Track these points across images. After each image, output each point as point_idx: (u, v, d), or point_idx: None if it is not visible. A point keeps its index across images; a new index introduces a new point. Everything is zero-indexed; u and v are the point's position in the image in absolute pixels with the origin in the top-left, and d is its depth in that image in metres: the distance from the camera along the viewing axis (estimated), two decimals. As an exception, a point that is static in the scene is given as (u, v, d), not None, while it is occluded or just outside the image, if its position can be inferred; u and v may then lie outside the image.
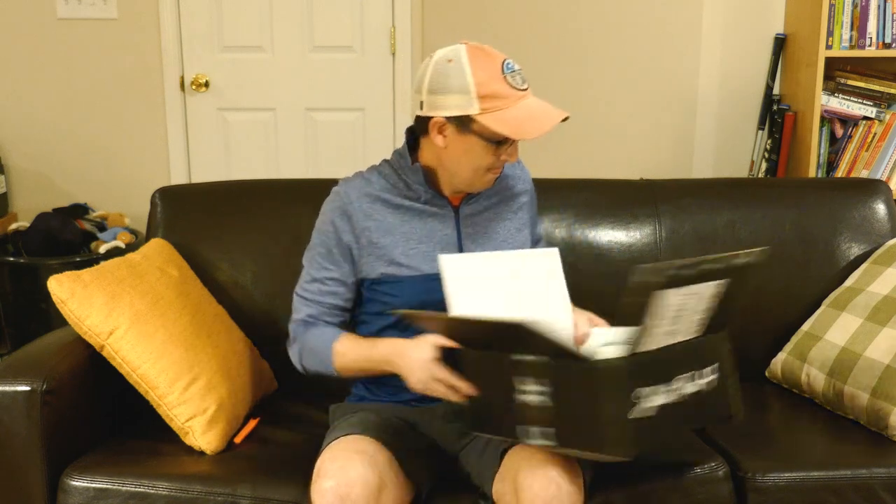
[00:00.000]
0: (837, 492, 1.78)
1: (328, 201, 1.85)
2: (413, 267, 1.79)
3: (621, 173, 3.50)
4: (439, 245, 1.81)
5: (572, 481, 1.57)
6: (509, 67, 1.70)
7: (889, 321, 1.98)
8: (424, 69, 1.73)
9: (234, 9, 3.59)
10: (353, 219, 1.80)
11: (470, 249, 1.83)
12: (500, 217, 1.88)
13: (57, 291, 1.88)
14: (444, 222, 1.83)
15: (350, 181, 1.86)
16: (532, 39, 3.57)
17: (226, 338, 2.05)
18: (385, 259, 1.80)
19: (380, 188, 1.83)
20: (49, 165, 3.68)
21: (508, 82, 1.69)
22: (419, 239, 1.81)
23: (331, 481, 1.54)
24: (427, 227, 1.82)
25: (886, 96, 3.23)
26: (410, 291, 1.79)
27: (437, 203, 1.83)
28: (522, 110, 1.69)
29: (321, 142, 3.71)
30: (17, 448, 1.78)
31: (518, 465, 1.59)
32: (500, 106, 1.68)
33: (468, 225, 1.84)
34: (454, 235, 1.83)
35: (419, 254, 1.80)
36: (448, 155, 1.75)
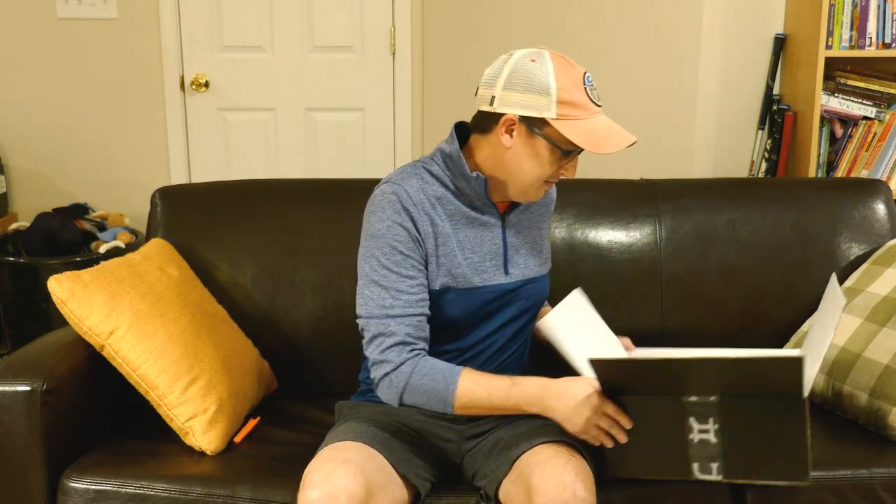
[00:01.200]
0: (837, 492, 1.78)
1: (385, 202, 1.69)
2: (466, 278, 1.74)
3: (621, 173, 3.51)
4: (487, 256, 1.76)
5: (587, 488, 1.57)
6: (589, 80, 1.65)
7: (888, 321, 1.98)
8: (502, 65, 1.67)
9: (234, 9, 3.59)
10: (416, 220, 1.69)
11: (513, 260, 1.79)
12: (535, 226, 1.86)
13: (57, 291, 1.88)
14: (492, 231, 1.77)
15: (404, 179, 1.72)
16: (532, 39, 3.57)
17: (226, 338, 2.05)
18: (444, 269, 1.72)
19: (436, 189, 1.73)
20: (49, 165, 3.68)
21: (588, 95, 1.64)
22: (472, 248, 1.75)
23: (315, 492, 1.52)
24: (477, 235, 1.76)
25: (886, 96, 3.23)
26: (463, 303, 1.75)
27: (488, 210, 1.76)
28: (598, 125, 1.64)
29: (321, 142, 3.71)
30: (17, 448, 1.78)
31: (532, 471, 1.58)
32: (578, 116, 1.63)
33: (512, 235, 1.80)
34: (501, 245, 1.78)
35: (471, 265, 1.74)
36: (510, 157, 1.67)
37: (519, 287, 1.80)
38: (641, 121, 3.63)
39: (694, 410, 1.59)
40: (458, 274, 1.73)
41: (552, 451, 1.62)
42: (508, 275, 1.78)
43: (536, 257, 1.84)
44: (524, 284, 1.80)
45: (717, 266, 2.25)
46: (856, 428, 1.96)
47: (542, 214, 1.89)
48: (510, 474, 1.65)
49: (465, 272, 1.74)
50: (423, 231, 1.70)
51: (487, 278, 1.76)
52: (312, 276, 2.20)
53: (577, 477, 1.56)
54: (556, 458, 1.59)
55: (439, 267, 1.72)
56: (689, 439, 1.61)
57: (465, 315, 1.76)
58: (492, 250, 1.77)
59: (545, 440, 1.66)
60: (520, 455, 1.66)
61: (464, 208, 1.75)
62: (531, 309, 1.85)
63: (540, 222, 1.88)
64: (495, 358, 1.82)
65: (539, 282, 1.84)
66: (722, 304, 2.24)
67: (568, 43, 3.57)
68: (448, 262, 1.72)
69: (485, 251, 1.76)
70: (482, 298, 1.76)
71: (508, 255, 1.79)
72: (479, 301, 1.76)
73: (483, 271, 1.75)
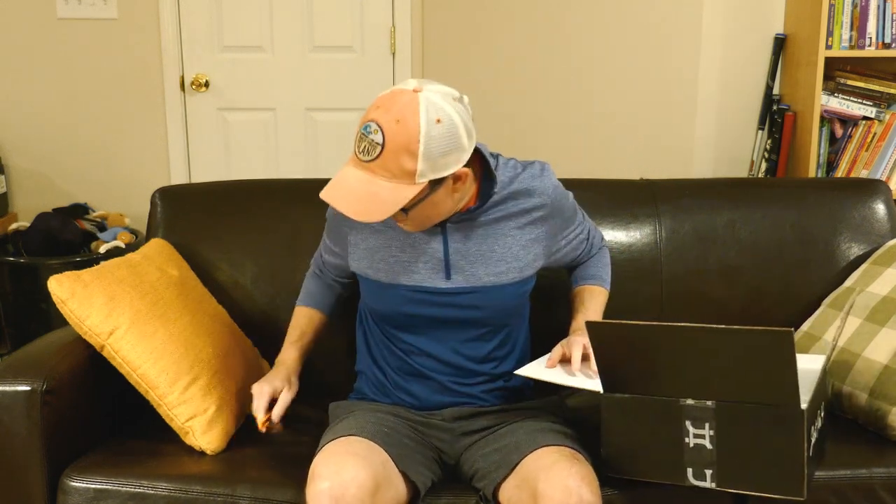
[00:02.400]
0: (837, 492, 1.78)
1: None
2: (391, 275, 1.78)
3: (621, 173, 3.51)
4: (422, 258, 1.77)
5: (593, 492, 1.57)
6: (367, 128, 1.59)
7: (888, 321, 1.98)
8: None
9: (234, 9, 3.59)
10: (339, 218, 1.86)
11: (459, 266, 1.77)
12: (499, 233, 1.79)
13: (57, 291, 1.88)
14: (431, 235, 1.77)
15: None
16: (532, 40, 3.57)
17: (226, 338, 2.05)
18: (367, 259, 1.82)
19: None
20: (49, 165, 3.68)
21: (357, 140, 1.63)
22: (402, 248, 1.78)
23: (325, 483, 1.53)
24: (412, 237, 1.78)
25: (886, 96, 3.23)
26: (388, 300, 1.79)
27: None
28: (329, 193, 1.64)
29: (321, 142, 3.71)
30: (17, 448, 1.78)
31: (536, 475, 1.58)
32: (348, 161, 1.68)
33: (458, 241, 1.77)
34: (441, 250, 1.77)
35: (399, 263, 1.78)
36: None
37: (464, 293, 1.77)
38: (641, 121, 3.63)
39: (690, 414, 1.60)
40: (381, 268, 1.80)
41: (556, 455, 1.62)
42: (450, 279, 1.77)
43: (493, 265, 1.78)
44: (471, 291, 1.77)
45: (717, 266, 2.25)
46: (856, 428, 1.96)
47: (517, 222, 1.81)
48: (512, 478, 1.65)
49: (389, 268, 1.80)
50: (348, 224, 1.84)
51: (419, 279, 1.77)
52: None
53: (582, 481, 1.56)
54: (561, 462, 1.59)
55: (364, 257, 1.83)
56: (684, 443, 1.61)
57: (397, 313, 1.80)
58: (428, 253, 1.78)
59: (547, 443, 1.66)
60: (521, 459, 1.65)
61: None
62: (491, 318, 1.81)
63: (508, 230, 1.80)
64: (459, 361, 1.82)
65: (493, 291, 1.78)
66: (722, 304, 2.24)
67: (568, 43, 3.57)
68: (371, 256, 1.82)
69: (419, 253, 1.78)
70: (411, 298, 1.77)
71: (451, 260, 1.78)
72: (409, 300, 1.77)
73: (414, 272, 1.77)
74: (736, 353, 1.53)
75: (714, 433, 1.59)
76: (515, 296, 1.83)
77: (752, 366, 1.53)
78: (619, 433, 1.66)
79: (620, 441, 1.66)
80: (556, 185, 1.85)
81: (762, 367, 1.52)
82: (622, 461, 1.67)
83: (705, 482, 1.62)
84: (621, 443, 1.66)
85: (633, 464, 1.67)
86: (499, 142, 3.57)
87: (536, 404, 1.88)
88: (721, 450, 1.59)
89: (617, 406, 1.65)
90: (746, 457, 1.58)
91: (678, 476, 1.63)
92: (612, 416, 1.66)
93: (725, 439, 1.59)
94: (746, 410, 1.57)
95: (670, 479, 1.64)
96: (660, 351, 1.58)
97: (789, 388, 1.53)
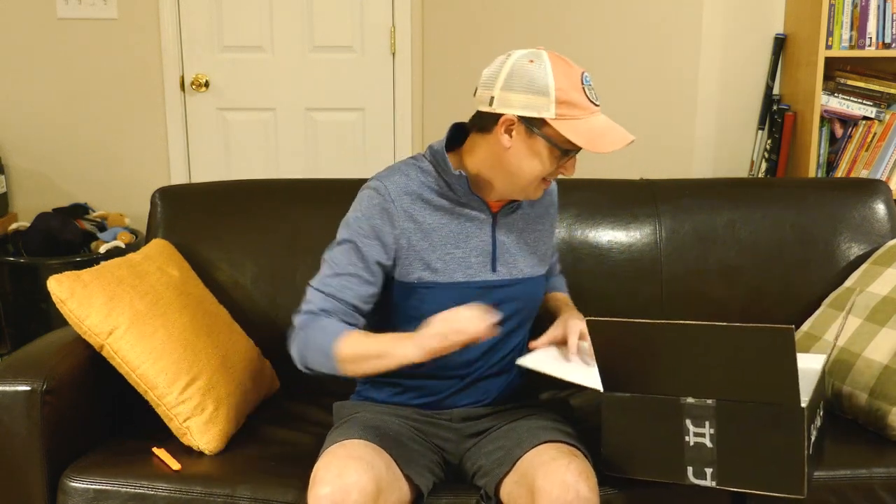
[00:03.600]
0: (837, 492, 1.78)
1: (365, 197, 1.75)
2: (447, 273, 1.76)
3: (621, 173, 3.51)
4: (474, 252, 1.77)
5: (590, 488, 1.57)
6: (587, 80, 1.67)
7: (888, 321, 1.98)
8: (500, 65, 1.68)
9: (234, 9, 3.59)
10: (394, 217, 1.73)
11: (503, 259, 1.80)
12: (531, 228, 1.85)
13: (57, 291, 1.88)
14: (481, 228, 1.78)
15: (388, 177, 1.76)
16: (532, 40, 3.57)
17: (226, 338, 2.05)
18: (422, 263, 1.75)
19: (420, 185, 1.76)
20: (49, 165, 3.68)
21: (587, 94, 1.66)
22: (456, 243, 1.76)
23: (327, 488, 1.53)
24: (464, 230, 1.77)
25: (886, 96, 3.23)
26: (442, 299, 1.75)
27: (478, 207, 1.78)
28: (596, 124, 1.66)
29: (321, 142, 3.71)
30: (17, 448, 1.78)
31: (535, 471, 1.59)
32: (576, 115, 1.64)
33: (504, 234, 1.80)
34: (489, 243, 1.79)
35: (454, 259, 1.76)
36: (509, 156, 1.68)
37: (507, 285, 1.80)
38: (641, 121, 3.63)
39: (690, 412, 1.60)
40: (438, 268, 1.75)
41: (555, 452, 1.62)
42: (496, 272, 1.79)
43: (529, 258, 1.83)
44: (513, 283, 1.80)
45: (717, 266, 2.25)
46: (856, 428, 1.96)
47: (542, 216, 1.89)
48: (512, 474, 1.66)
49: (445, 266, 1.76)
50: (399, 227, 1.73)
51: (472, 274, 1.77)
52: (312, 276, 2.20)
53: (580, 477, 1.56)
54: (560, 458, 1.59)
55: (418, 260, 1.74)
56: (684, 441, 1.61)
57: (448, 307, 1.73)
58: (479, 247, 1.78)
59: (547, 440, 1.67)
60: (521, 455, 1.66)
61: (449, 204, 1.77)
62: (523, 310, 1.84)
63: (539, 224, 1.87)
64: (490, 357, 1.82)
65: (530, 283, 1.83)
66: (722, 304, 2.24)
67: (568, 43, 3.57)
68: (428, 256, 1.74)
69: (471, 247, 1.77)
70: (465, 294, 1.76)
71: (497, 252, 1.79)
72: (462, 296, 1.76)
73: (468, 267, 1.77)
74: (737, 350, 1.53)
75: (714, 431, 1.59)
76: (542, 287, 1.89)
77: (752, 364, 1.53)
78: (620, 432, 1.66)
79: (620, 440, 1.66)
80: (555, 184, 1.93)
81: (763, 364, 1.52)
82: (622, 460, 1.67)
83: (705, 481, 1.62)
84: (621, 441, 1.66)
85: (633, 462, 1.67)
86: (499, 142, 3.56)
87: (540, 402, 1.89)
88: (721, 448, 1.60)
89: (617, 404, 1.65)
90: (747, 455, 1.58)
91: (678, 475, 1.63)
92: (612, 414, 1.66)
93: (726, 438, 1.59)
94: (747, 409, 1.57)
95: (670, 478, 1.65)
96: (660, 348, 1.58)
97: (790, 387, 1.53)
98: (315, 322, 1.69)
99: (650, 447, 1.65)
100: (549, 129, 1.64)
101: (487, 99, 1.68)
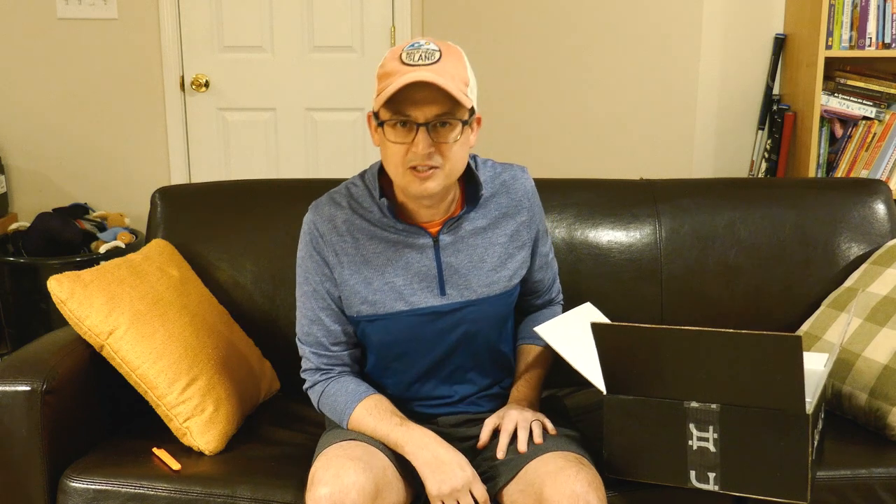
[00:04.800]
0: (837, 492, 1.78)
1: (303, 232, 1.76)
2: (387, 304, 1.71)
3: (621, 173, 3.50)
4: (416, 278, 1.71)
5: (599, 498, 1.55)
6: (414, 45, 1.57)
7: (888, 321, 1.98)
8: None
9: (234, 9, 3.59)
10: (324, 254, 1.72)
11: (453, 281, 1.72)
12: (488, 243, 1.75)
13: (57, 291, 1.88)
14: (422, 252, 1.71)
15: (319, 208, 1.75)
16: (532, 40, 3.57)
17: (226, 338, 2.05)
18: (358, 297, 1.71)
19: (351, 215, 1.72)
20: (49, 165, 3.68)
21: (402, 59, 1.56)
22: (395, 271, 1.71)
23: (325, 488, 1.51)
24: (403, 256, 1.71)
25: (886, 96, 3.23)
26: (388, 329, 1.73)
27: (413, 232, 1.71)
28: (402, 81, 1.53)
29: (321, 142, 3.71)
30: (17, 448, 1.78)
31: (542, 480, 1.57)
32: (386, 84, 1.56)
33: (450, 254, 1.72)
34: (433, 266, 1.72)
35: (394, 289, 1.71)
36: (382, 157, 1.65)
37: (459, 308, 1.73)
38: (641, 121, 3.63)
39: (694, 417, 1.60)
40: (377, 300, 1.71)
41: (562, 461, 1.60)
42: (445, 296, 1.73)
43: (486, 275, 1.74)
44: (465, 306, 1.74)
45: (717, 266, 2.25)
46: (855, 428, 1.96)
47: (503, 229, 1.77)
48: (516, 482, 1.63)
49: (384, 298, 1.71)
50: (330, 262, 1.73)
51: (416, 301, 1.72)
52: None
53: (589, 487, 1.54)
54: (568, 468, 1.57)
55: (354, 294, 1.72)
56: (687, 445, 1.61)
57: (397, 341, 1.74)
58: (422, 272, 1.72)
59: (553, 449, 1.65)
60: (526, 463, 1.64)
61: (383, 232, 1.71)
62: (486, 329, 1.78)
63: (496, 237, 1.76)
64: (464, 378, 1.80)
65: (488, 302, 1.75)
66: (722, 304, 2.24)
67: (568, 43, 3.57)
68: (363, 289, 1.71)
69: (412, 272, 1.71)
70: (410, 323, 1.72)
71: (445, 275, 1.72)
72: (408, 325, 1.72)
73: (411, 294, 1.71)
74: (743, 357, 1.52)
75: (718, 436, 1.59)
76: (506, 305, 1.81)
77: (758, 370, 1.53)
78: (622, 434, 1.65)
79: (623, 442, 1.66)
80: (534, 189, 1.82)
81: (769, 371, 1.52)
82: (624, 463, 1.67)
83: (708, 485, 1.61)
84: (623, 444, 1.66)
85: (635, 465, 1.66)
86: (498, 142, 3.56)
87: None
88: (725, 453, 1.59)
89: (620, 407, 1.65)
90: (750, 460, 1.58)
91: (680, 478, 1.63)
92: (614, 417, 1.65)
93: (729, 442, 1.58)
94: (751, 414, 1.56)
95: (672, 482, 1.64)
96: (665, 354, 1.58)
97: (795, 394, 1.53)
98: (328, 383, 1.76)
99: (653, 450, 1.64)
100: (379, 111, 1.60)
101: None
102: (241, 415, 1.98)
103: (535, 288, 1.90)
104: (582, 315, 1.89)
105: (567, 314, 1.88)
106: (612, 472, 1.68)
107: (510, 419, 1.70)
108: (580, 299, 2.04)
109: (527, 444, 1.66)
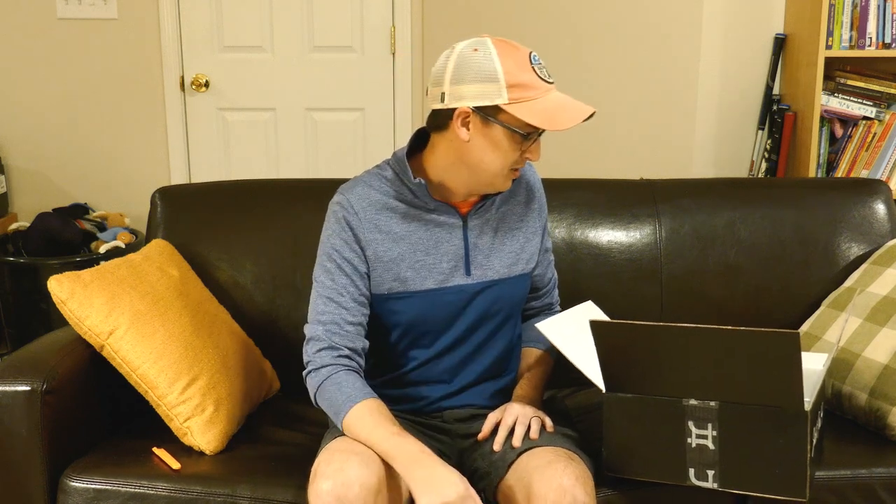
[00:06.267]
0: (837, 492, 1.78)
1: (331, 213, 1.77)
2: (418, 281, 1.75)
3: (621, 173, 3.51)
4: (445, 257, 1.76)
5: (587, 492, 1.56)
6: (536, 59, 1.64)
7: (888, 321, 1.98)
8: (446, 60, 1.66)
9: (234, 9, 3.59)
10: (357, 231, 1.73)
11: (478, 262, 1.78)
12: (508, 227, 1.82)
13: (57, 291, 1.88)
14: (451, 232, 1.77)
15: (351, 189, 1.77)
16: (532, 40, 3.57)
17: (226, 338, 2.05)
18: (391, 273, 1.74)
19: (383, 194, 1.76)
20: (49, 165, 3.68)
21: (537, 73, 1.63)
22: (426, 250, 1.75)
23: (328, 482, 1.52)
24: (434, 236, 1.76)
25: (886, 96, 3.23)
26: (417, 306, 1.75)
27: (445, 211, 1.76)
28: (552, 102, 1.63)
29: (321, 142, 3.71)
30: (17, 448, 1.78)
31: (531, 475, 1.58)
32: (530, 97, 1.61)
33: (476, 235, 1.78)
34: (461, 247, 1.77)
35: (424, 267, 1.75)
36: (470, 150, 1.66)
37: (483, 288, 1.78)
38: (641, 121, 3.63)
39: (693, 414, 1.60)
40: (408, 277, 1.74)
41: (551, 455, 1.61)
42: (470, 276, 1.77)
43: (506, 258, 1.81)
44: (489, 286, 1.78)
45: (717, 266, 2.25)
46: (856, 428, 1.96)
47: (522, 216, 1.85)
48: (507, 477, 1.65)
49: (415, 275, 1.74)
50: (364, 239, 1.73)
51: (444, 280, 1.76)
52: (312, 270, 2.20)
53: (576, 481, 1.55)
54: (556, 462, 1.58)
55: (387, 271, 1.74)
56: (686, 443, 1.61)
57: (424, 318, 1.76)
58: (450, 251, 1.76)
59: (543, 443, 1.66)
60: (517, 457, 1.65)
61: (415, 211, 1.75)
62: (502, 311, 1.82)
63: (519, 224, 1.84)
64: (475, 360, 1.82)
65: (507, 283, 1.80)
66: (722, 304, 2.24)
67: (568, 43, 3.57)
68: (397, 266, 1.74)
69: (442, 252, 1.76)
70: (438, 300, 1.75)
71: (471, 255, 1.77)
72: (435, 303, 1.75)
73: (440, 273, 1.75)
74: (741, 354, 1.53)
75: (717, 434, 1.59)
76: (523, 288, 1.85)
77: (757, 367, 1.53)
78: (621, 432, 1.66)
79: (622, 440, 1.66)
80: (541, 182, 1.91)
81: (768, 368, 1.52)
82: (623, 460, 1.67)
83: (707, 482, 1.62)
84: (622, 442, 1.66)
85: (633, 463, 1.66)
86: (499, 142, 3.57)
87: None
88: (724, 450, 1.59)
89: (619, 405, 1.65)
90: (749, 457, 1.58)
91: (679, 476, 1.63)
92: (613, 415, 1.66)
93: (728, 440, 1.58)
94: (750, 411, 1.57)
95: (671, 480, 1.64)
96: (664, 351, 1.58)
97: (794, 391, 1.53)
98: (331, 375, 1.68)
99: (652, 448, 1.64)
100: (505, 115, 1.62)
101: (439, 96, 1.66)
102: (241, 414, 1.98)
103: (534, 283, 1.93)
104: (583, 313, 1.90)
105: (568, 312, 1.88)
106: (612, 470, 1.68)
107: (510, 414, 1.73)
108: (580, 299, 2.04)
109: (522, 439, 1.67)
